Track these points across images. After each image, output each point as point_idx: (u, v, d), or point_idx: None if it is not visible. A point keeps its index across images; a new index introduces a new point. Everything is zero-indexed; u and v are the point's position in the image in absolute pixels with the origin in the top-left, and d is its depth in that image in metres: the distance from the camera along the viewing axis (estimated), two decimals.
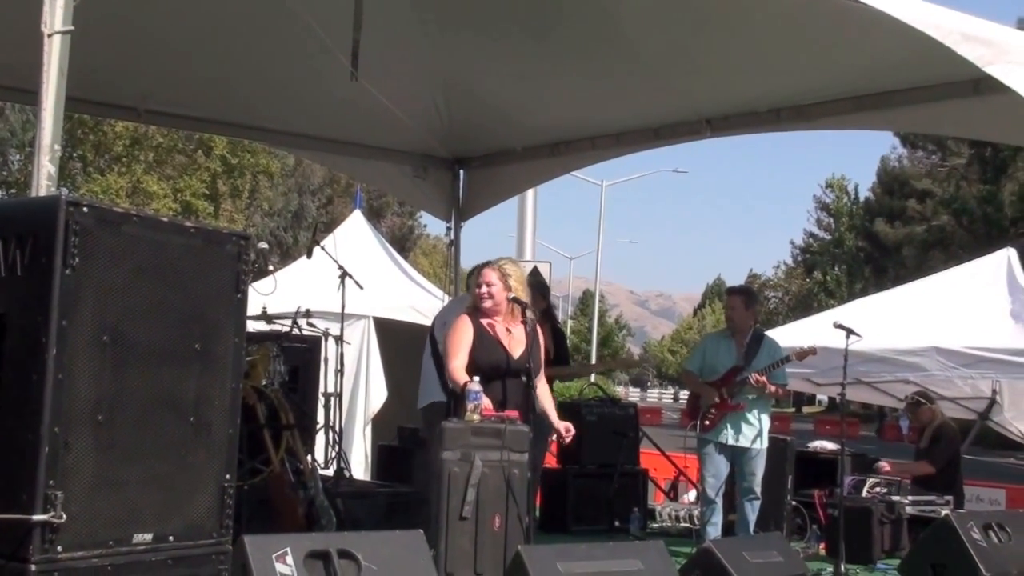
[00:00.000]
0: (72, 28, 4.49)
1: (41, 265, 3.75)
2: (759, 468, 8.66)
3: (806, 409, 62.94)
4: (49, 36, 4.45)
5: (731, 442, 8.60)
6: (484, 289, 6.88)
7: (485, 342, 6.81)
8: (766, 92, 8.63)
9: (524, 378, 6.77)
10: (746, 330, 8.88)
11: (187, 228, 4.25)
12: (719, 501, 8.68)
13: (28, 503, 3.68)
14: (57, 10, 4.46)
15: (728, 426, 8.61)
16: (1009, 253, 11.99)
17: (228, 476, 4.32)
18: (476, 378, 6.36)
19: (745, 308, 8.94)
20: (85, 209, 3.81)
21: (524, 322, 6.93)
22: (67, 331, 3.72)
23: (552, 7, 7.60)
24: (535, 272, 12.49)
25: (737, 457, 8.65)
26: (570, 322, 79.85)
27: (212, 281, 4.25)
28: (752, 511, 8.65)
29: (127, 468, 3.93)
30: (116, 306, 3.89)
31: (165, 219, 4.35)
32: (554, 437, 8.07)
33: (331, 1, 6.86)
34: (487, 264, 7.03)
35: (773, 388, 8.63)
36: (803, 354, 8.91)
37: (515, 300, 6.87)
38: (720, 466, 8.64)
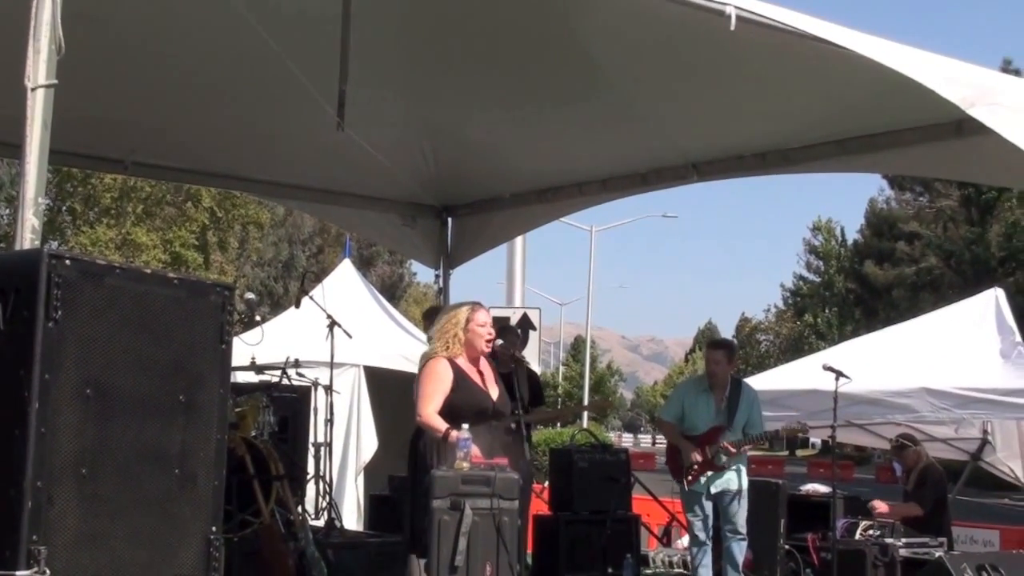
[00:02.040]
0: (56, 82, 4.49)
1: (23, 318, 3.73)
2: (742, 506, 8.69)
3: (800, 452, 62.88)
4: (33, 90, 4.45)
5: (714, 490, 8.70)
6: (491, 329, 6.90)
7: (468, 386, 6.79)
8: (751, 137, 8.67)
9: (512, 424, 6.77)
10: (725, 386, 8.93)
11: (171, 279, 4.24)
12: (709, 543, 8.68)
13: (11, 559, 3.65)
14: (40, 64, 4.47)
15: (711, 479, 8.69)
16: (997, 293, 12.02)
17: (214, 529, 4.29)
18: (465, 426, 6.34)
19: (728, 363, 9.01)
20: (68, 262, 3.81)
21: (489, 360, 6.99)
22: (50, 385, 3.70)
23: (538, 55, 7.64)
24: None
25: (720, 499, 8.71)
26: (562, 368, 79.75)
27: (196, 332, 4.23)
28: (739, 551, 8.67)
29: (111, 522, 3.90)
30: (99, 358, 3.88)
31: (148, 271, 4.34)
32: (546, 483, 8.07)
33: (317, 51, 6.88)
34: (471, 305, 7.01)
35: (748, 446, 8.79)
36: (792, 431, 9.01)
37: (504, 347, 6.90)
38: (705, 508, 8.69)
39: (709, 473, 8.70)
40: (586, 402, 55.38)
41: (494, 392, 6.90)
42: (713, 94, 7.90)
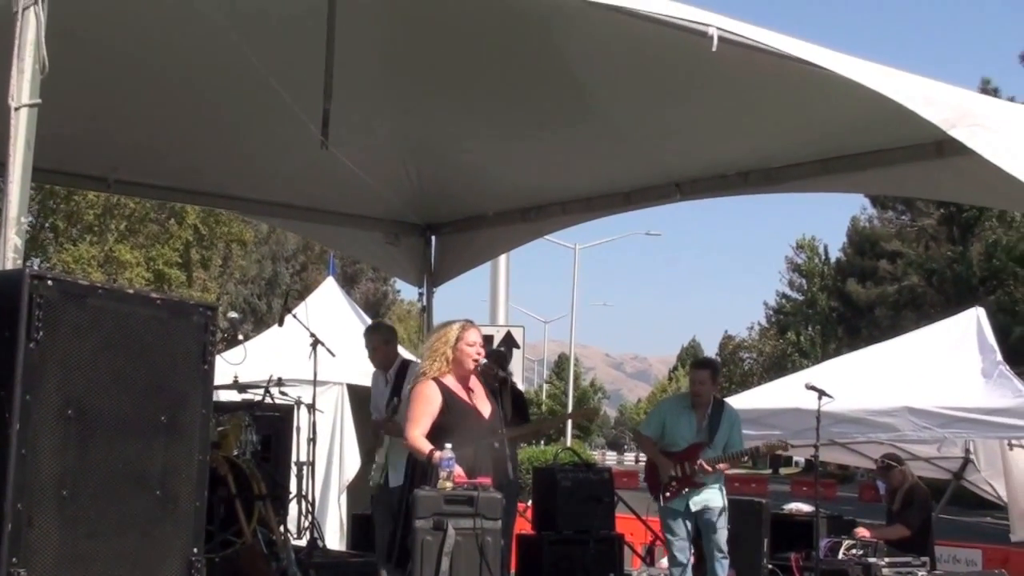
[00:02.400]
0: (39, 101, 4.49)
1: (4, 339, 3.72)
2: (723, 525, 8.69)
3: (783, 470, 62.91)
4: (16, 109, 4.44)
5: (693, 508, 8.69)
6: (480, 348, 6.88)
7: (459, 407, 6.77)
8: (734, 156, 8.71)
9: (496, 444, 6.76)
10: (708, 405, 8.96)
11: (153, 300, 4.24)
12: (690, 565, 8.68)
13: None
14: (24, 84, 4.46)
15: (690, 495, 8.69)
16: (978, 312, 12.07)
17: (196, 549, 4.27)
18: (448, 445, 6.33)
19: (712, 382, 9.04)
20: (50, 282, 3.80)
21: (488, 380, 6.97)
22: (31, 405, 3.69)
23: (522, 74, 7.65)
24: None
25: (700, 517, 8.70)
26: (545, 386, 79.74)
27: (179, 352, 4.23)
28: (722, 570, 8.64)
29: (92, 543, 3.89)
30: (81, 379, 3.87)
31: (131, 291, 4.34)
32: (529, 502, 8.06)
33: (302, 70, 6.88)
34: (462, 323, 7.00)
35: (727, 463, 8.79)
36: (772, 448, 9.04)
37: (488, 366, 6.89)
38: (684, 528, 8.69)
39: (687, 490, 8.70)
40: (569, 423, 55.42)
41: (485, 409, 6.88)
42: (696, 114, 7.93)
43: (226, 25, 6.26)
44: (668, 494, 8.75)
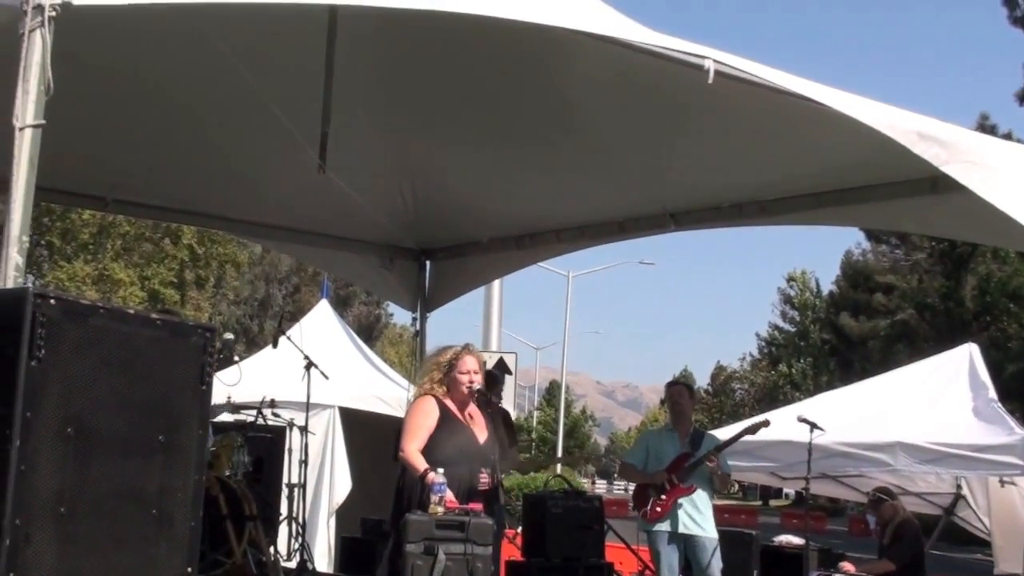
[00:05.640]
0: (43, 122, 4.53)
1: (7, 357, 3.75)
2: (716, 560, 8.67)
3: (773, 502, 62.83)
4: (20, 130, 4.48)
5: (682, 530, 8.65)
6: (474, 377, 6.89)
7: (454, 426, 6.80)
8: (729, 188, 8.75)
9: (488, 468, 6.77)
10: (689, 423, 9.02)
11: (153, 320, 4.27)
12: None
13: None
14: (29, 104, 4.50)
15: (679, 512, 8.66)
16: (971, 349, 12.12)
17: (190, 569, 4.29)
18: (440, 470, 6.35)
19: (690, 397, 9.14)
20: (52, 301, 3.83)
21: (480, 405, 6.98)
22: (32, 423, 3.71)
23: (518, 103, 7.71)
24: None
25: (692, 549, 8.68)
26: (536, 412, 79.61)
27: (177, 373, 4.25)
28: None
29: (88, 561, 3.90)
30: (81, 397, 3.89)
31: (132, 311, 4.37)
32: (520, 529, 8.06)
33: (300, 94, 6.94)
34: (460, 349, 7.02)
35: (720, 472, 8.74)
36: (755, 427, 9.06)
37: (480, 391, 6.92)
38: (674, 557, 8.68)
39: (678, 502, 8.66)
40: (560, 450, 55.37)
41: (481, 435, 6.91)
42: (691, 145, 7.99)
43: (226, 49, 6.31)
44: (658, 509, 8.74)
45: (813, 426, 9.14)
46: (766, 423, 9.29)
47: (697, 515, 8.71)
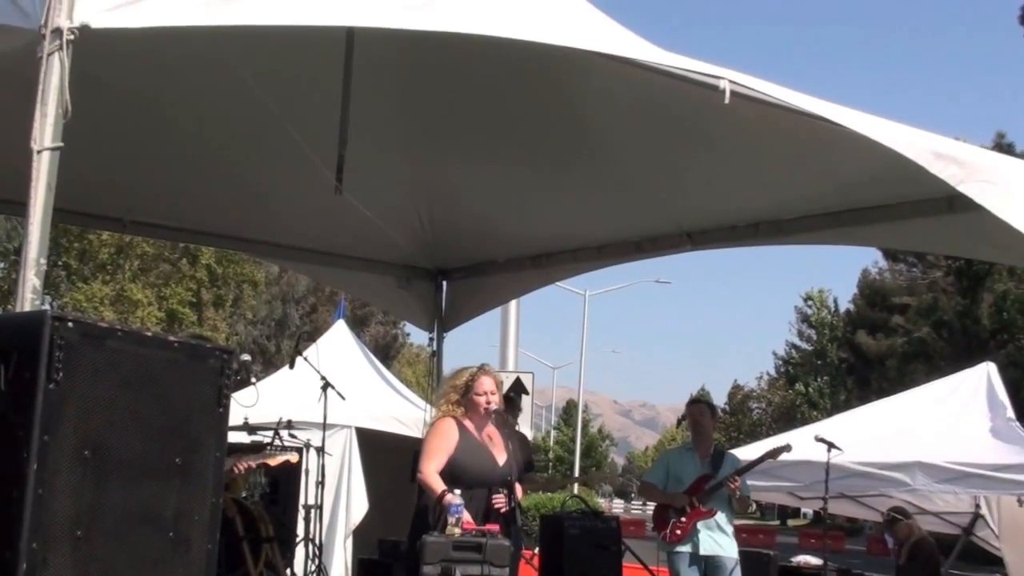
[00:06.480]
0: (61, 145, 4.55)
1: (24, 380, 3.75)
2: None
3: (791, 522, 62.55)
4: (38, 152, 4.50)
5: (703, 552, 8.62)
6: (491, 397, 6.88)
7: (473, 448, 6.79)
8: (745, 207, 8.75)
9: (505, 490, 6.76)
10: (710, 442, 8.99)
11: (171, 342, 4.27)
12: None
13: None
14: (47, 127, 4.52)
15: (699, 534, 8.63)
16: (989, 368, 12.08)
17: None
18: (457, 491, 6.34)
19: (711, 416, 9.11)
20: (70, 324, 3.83)
21: (499, 427, 6.97)
22: (49, 446, 3.71)
23: (534, 123, 7.73)
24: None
25: (712, 569, 8.65)
26: (553, 432, 79.50)
27: (194, 395, 4.25)
28: None
29: None
30: (98, 420, 3.89)
31: (149, 333, 4.37)
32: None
33: (318, 115, 6.97)
34: (476, 370, 7.02)
35: (739, 495, 8.72)
36: (776, 452, 9.02)
37: (497, 411, 6.91)
38: (692, 574, 8.65)
39: (698, 524, 8.64)
40: (577, 469, 55.24)
41: (500, 457, 6.90)
42: (707, 165, 7.99)
43: (243, 70, 6.34)
44: (679, 531, 8.71)
45: (831, 446, 9.11)
46: (788, 447, 9.25)
47: (719, 536, 8.69)
